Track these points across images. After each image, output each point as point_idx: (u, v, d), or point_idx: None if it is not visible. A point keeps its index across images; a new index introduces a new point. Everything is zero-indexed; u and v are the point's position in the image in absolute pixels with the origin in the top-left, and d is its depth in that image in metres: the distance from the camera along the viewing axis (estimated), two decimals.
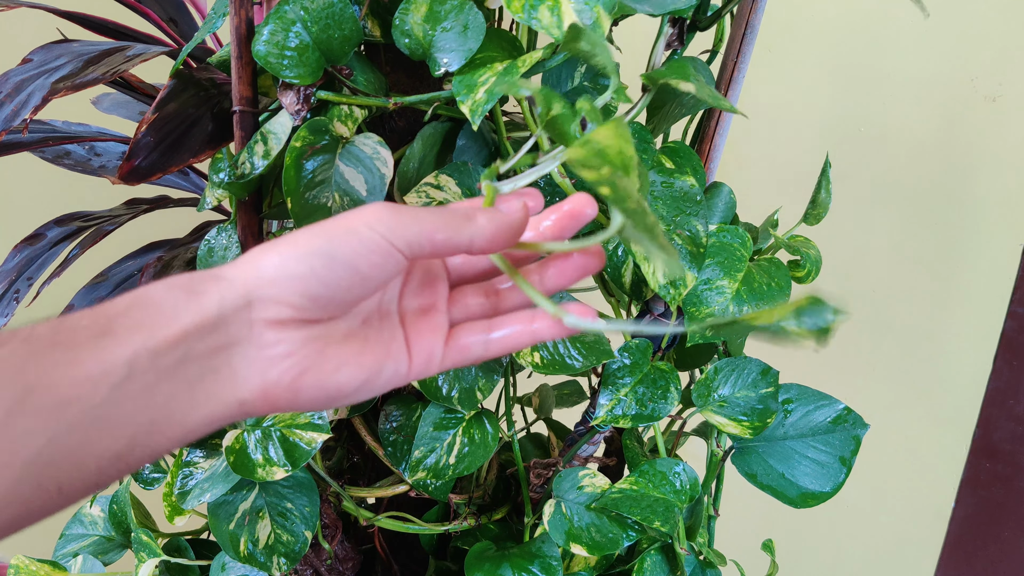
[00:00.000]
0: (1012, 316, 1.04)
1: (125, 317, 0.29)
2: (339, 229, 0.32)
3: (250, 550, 0.57)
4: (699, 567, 0.61)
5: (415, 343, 0.36)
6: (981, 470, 1.11)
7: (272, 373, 0.32)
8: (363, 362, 0.34)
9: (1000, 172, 1.02)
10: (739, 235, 0.57)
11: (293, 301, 0.32)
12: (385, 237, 0.32)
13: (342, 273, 0.32)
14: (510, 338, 0.37)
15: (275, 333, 0.32)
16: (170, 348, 0.29)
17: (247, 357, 0.31)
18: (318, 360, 0.33)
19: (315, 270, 0.31)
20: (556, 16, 0.43)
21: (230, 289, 0.31)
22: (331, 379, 0.33)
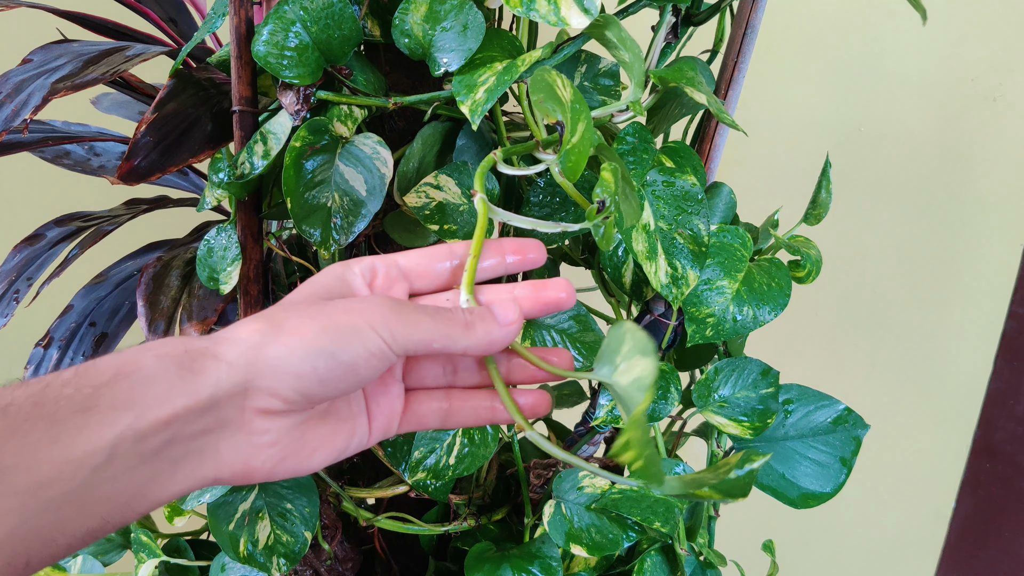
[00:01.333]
0: (1012, 316, 1.04)
1: (110, 389, 0.29)
2: (344, 328, 0.32)
3: (250, 551, 0.57)
4: (699, 567, 0.61)
5: (375, 413, 0.37)
6: (981, 470, 1.11)
7: (256, 460, 0.32)
8: (335, 444, 0.35)
9: (1000, 172, 1.02)
10: (739, 235, 0.57)
11: (288, 396, 0.31)
12: (387, 342, 0.32)
13: (341, 374, 0.32)
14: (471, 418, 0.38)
15: (265, 422, 0.32)
16: (158, 431, 0.29)
17: (234, 442, 0.31)
18: (297, 447, 0.33)
19: (317, 370, 0.31)
20: (553, 5, 0.43)
21: (228, 373, 0.31)
22: (306, 463, 0.34)
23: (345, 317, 0.32)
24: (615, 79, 0.60)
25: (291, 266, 0.63)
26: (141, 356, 0.30)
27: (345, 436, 0.35)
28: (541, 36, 0.57)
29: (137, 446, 0.28)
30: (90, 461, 0.27)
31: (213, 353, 0.31)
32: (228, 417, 0.31)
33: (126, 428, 0.28)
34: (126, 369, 0.29)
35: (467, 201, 0.54)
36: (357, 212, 0.49)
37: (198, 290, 0.57)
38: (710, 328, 0.56)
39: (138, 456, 0.28)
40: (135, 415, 0.28)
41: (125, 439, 0.28)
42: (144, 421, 0.28)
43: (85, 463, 0.27)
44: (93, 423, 0.28)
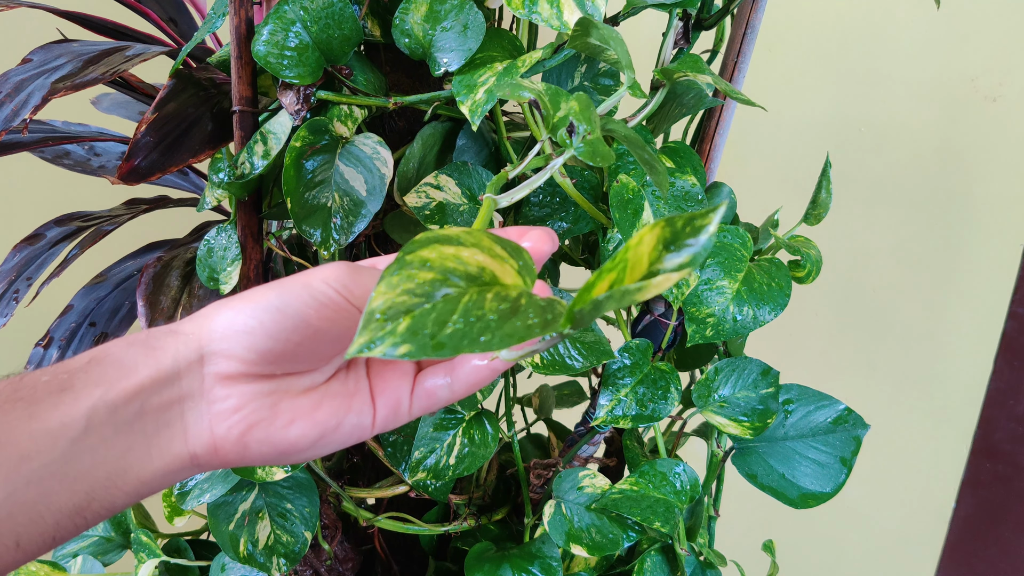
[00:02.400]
0: (1013, 316, 1.04)
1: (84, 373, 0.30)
2: (294, 284, 0.32)
3: (250, 551, 0.57)
4: (699, 568, 0.61)
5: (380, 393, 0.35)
6: (981, 470, 1.11)
7: (220, 428, 0.32)
8: (317, 417, 0.33)
9: (1000, 172, 1.02)
10: (739, 235, 0.57)
11: (242, 355, 0.31)
12: (340, 292, 0.32)
13: (292, 327, 0.31)
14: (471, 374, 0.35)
15: (225, 388, 0.32)
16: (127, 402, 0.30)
17: (198, 411, 0.32)
18: (268, 415, 0.32)
19: (264, 324, 0.31)
20: (556, 8, 0.43)
21: (185, 343, 0.32)
22: (281, 434, 0.32)
23: (298, 277, 0.32)
24: (615, 79, 0.60)
25: (291, 266, 0.63)
26: (111, 345, 0.32)
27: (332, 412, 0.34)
28: (541, 36, 0.57)
29: (111, 417, 0.30)
30: (67, 433, 0.29)
31: (173, 330, 0.32)
32: (190, 387, 0.32)
33: (98, 400, 0.29)
34: (98, 356, 0.31)
35: (467, 201, 0.54)
36: (357, 212, 0.49)
37: (198, 290, 0.57)
38: (710, 328, 0.56)
39: (112, 427, 0.30)
40: (105, 387, 0.30)
41: (98, 411, 0.29)
42: (113, 392, 0.30)
43: (62, 435, 0.29)
44: (68, 400, 0.29)
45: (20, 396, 0.29)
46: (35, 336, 0.61)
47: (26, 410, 0.28)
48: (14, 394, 0.29)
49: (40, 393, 0.29)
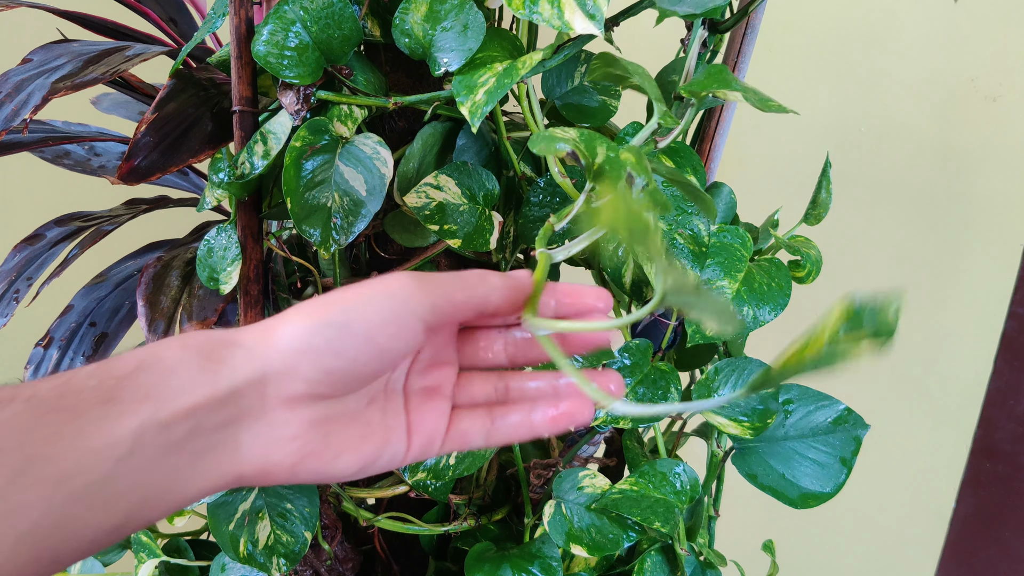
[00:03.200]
0: (1013, 316, 1.04)
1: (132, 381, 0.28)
2: (359, 298, 0.31)
3: (250, 551, 0.57)
4: (699, 568, 0.61)
5: (416, 427, 0.35)
6: (982, 470, 1.11)
7: (276, 455, 0.31)
8: (363, 450, 0.33)
9: (1000, 172, 1.02)
10: (739, 235, 0.57)
11: (308, 375, 0.31)
12: (405, 306, 0.31)
13: (358, 344, 0.31)
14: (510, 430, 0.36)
15: (286, 412, 0.31)
16: (180, 421, 0.28)
17: (254, 433, 0.31)
18: (321, 446, 0.32)
19: (331, 341, 0.30)
20: (557, 8, 0.43)
21: (246, 360, 0.30)
22: (329, 466, 0.32)
23: (360, 288, 0.32)
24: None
25: (291, 266, 0.63)
26: (163, 348, 0.30)
27: (376, 444, 0.34)
28: (542, 36, 0.57)
29: (160, 437, 0.28)
30: (113, 452, 0.27)
31: (232, 341, 0.31)
32: (249, 406, 0.30)
33: (148, 418, 0.28)
34: (148, 361, 0.29)
35: (467, 201, 0.54)
36: (357, 212, 0.49)
37: (198, 290, 0.57)
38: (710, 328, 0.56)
39: (161, 448, 0.28)
40: (157, 405, 0.28)
41: (148, 430, 0.28)
42: (166, 412, 0.28)
43: (108, 454, 0.27)
44: (115, 414, 0.27)
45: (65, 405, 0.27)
46: (35, 336, 0.61)
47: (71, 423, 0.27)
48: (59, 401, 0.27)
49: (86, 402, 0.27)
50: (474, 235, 0.54)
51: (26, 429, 0.26)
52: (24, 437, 0.26)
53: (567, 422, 0.36)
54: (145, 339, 0.55)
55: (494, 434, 0.36)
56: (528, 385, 0.37)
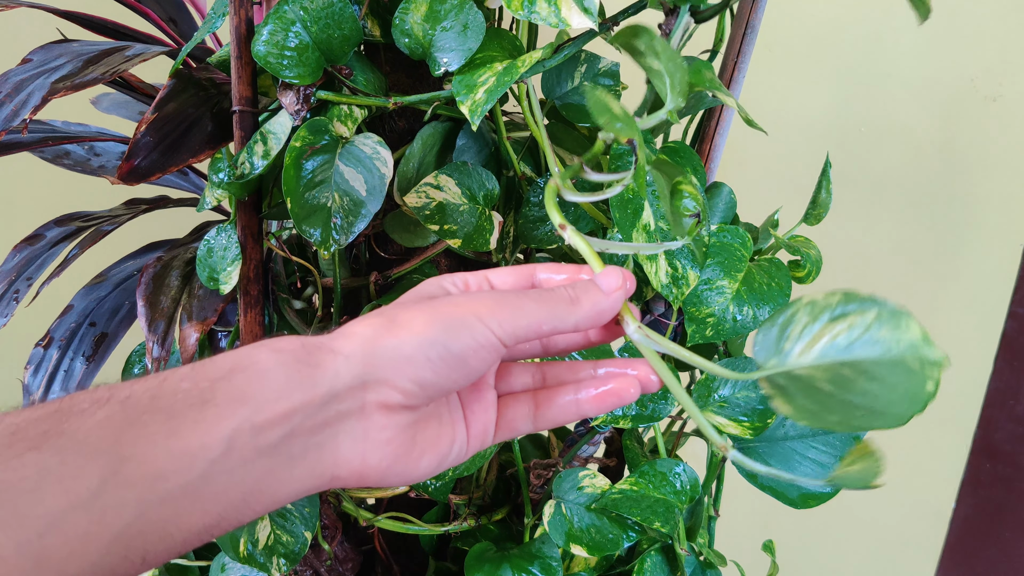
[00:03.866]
0: (1013, 316, 1.04)
1: (227, 383, 0.29)
2: (453, 319, 0.32)
3: (249, 551, 0.57)
4: (699, 568, 0.61)
5: (472, 420, 0.36)
6: (981, 470, 1.11)
7: (373, 457, 0.32)
8: (439, 448, 0.34)
9: (1000, 172, 1.02)
10: (739, 235, 0.57)
11: (406, 387, 0.31)
12: (495, 333, 0.32)
13: (454, 365, 0.32)
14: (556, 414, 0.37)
15: (384, 417, 0.32)
16: (275, 424, 0.29)
17: (354, 436, 0.31)
18: (409, 448, 0.33)
19: (431, 359, 0.31)
20: (553, 6, 0.43)
21: (346, 366, 0.31)
22: (415, 467, 0.33)
23: (453, 310, 0.32)
24: (615, 79, 0.60)
25: (291, 266, 0.63)
26: (257, 352, 0.30)
27: (448, 441, 0.35)
28: (541, 36, 0.57)
29: (254, 440, 0.28)
30: (206, 454, 0.27)
31: (330, 348, 0.31)
32: (348, 410, 0.31)
33: (243, 421, 0.28)
34: (242, 364, 0.29)
35: (467, 201, 0.54)
36: (357, 212, 0.49)
37: (198, 290, 0.57)
38: (710, 328, 0.56)
39: (255, 450, 0.28)
40: (252, 409, 0.28)
41: (242, 432, 0.28)
42: (261, 415, 0.29)
43: (201, 455, 0.27)
44: (210, 416, 0.28)
45: (159, 406, 0.27)
46: (35, 336, 0.61)
47: (165, 424, 0.27)
48: (153, 403, 0.27)
49: (180, 404, 0.28)
50: (474, 235, 0.54)
51: (120, 430, 0.26)
52: (119, 436, 0.26)
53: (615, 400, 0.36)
54: (145, 339, 0.55)
55: (540, 418, 0.37)
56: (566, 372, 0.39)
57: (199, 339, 0.55)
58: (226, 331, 0.60)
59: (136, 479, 0.26)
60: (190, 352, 0.55)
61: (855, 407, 0.24)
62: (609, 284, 0.35)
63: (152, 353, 0.54)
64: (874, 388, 0.23)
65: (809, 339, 0.25)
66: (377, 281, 0.58)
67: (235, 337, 0.59)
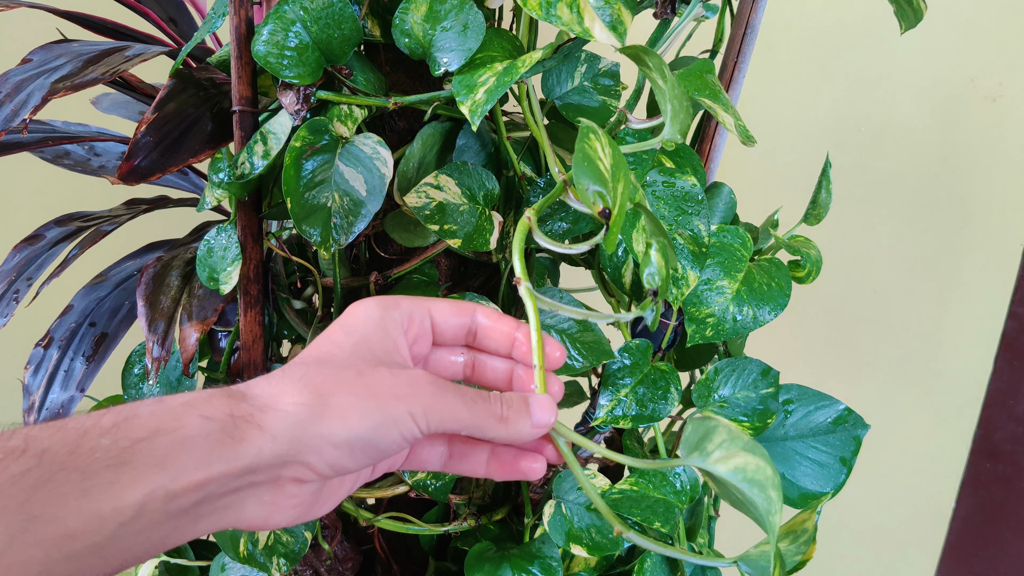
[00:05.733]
0: (1013, 316, 1.04)
1: (149, 444, 0.29)
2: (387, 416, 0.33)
3: (250, 551, 0.57)
4: (699, 567, 0.61)
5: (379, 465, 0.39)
6: (981, 470, 1.11)
7: (276, 517, 0.33)
8: (340, 493, 0.37)
9: (1000, 172, 1.02)
10: (739, 235, 0.57)
11: (323, 471, 0.33)
12: (421, 429, 0.34)
13: (373, 455, 0.34)
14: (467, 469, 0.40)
15: (294, 487, 0.33)
16: (190, 492, 0.29)
17: (261, 502, 0.32)
18: (312, 504, 0.35)
19: (354, 451, 0.33)
20: (576, 13, 0.43)
21: (271, 446, 0.31)
22: (316, 513, 0.35)
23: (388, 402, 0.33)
24: (615, 79, 0.60)
25: (291, 266, 0.63)
26: (184, 414, 0.30)
27: (350, 485, 0.37)
28: (541, 36, 0.57)
29: (166, 505, 0.29)
30: (117, 517, 0.28)
31: (258, 423, 0.31)
32: (261, 481, 0.32)
33: (158, 488, 0.29)
34: (167, 426, 0.30)
35: (467, 201, 0.54)
36: (357, 212, 0.49)
37: (198, 290, 0.57)
38: (710, 328, 0.56)
39: (166, 514, 0.29)
40: (170, 476, 0.29)
41: (155, 498, 0.28)
42: (178, 483, 0.29)
43: (112, 519, 0.28)
44: (125, 479, 0.28)
45: (76, 464, 0.27)
46: (35, 336, 0.61)
47: (79, 484, 0.27)
48: (69, 459, 0.27)
49: (97, 464, 0.28)
50: (474, 235, 0.54)
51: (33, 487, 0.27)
52: (30, 495, 0.26)
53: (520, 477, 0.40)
54: (145, 339, 0.55)
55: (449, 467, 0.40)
56: None
57: (199, 339, 0.55)
58: (226, 331, 0.60)
59: (44, 538, 0.26)
60: (190, 352, 0.55)
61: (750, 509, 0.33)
62: (541, 419, 0.37)
63: (152, 353, 0.54)
64: (756, 504, 0.32)
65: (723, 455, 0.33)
66: (377, 281, 0.58)
67: (235, 337, 0.59)
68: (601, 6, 0.43)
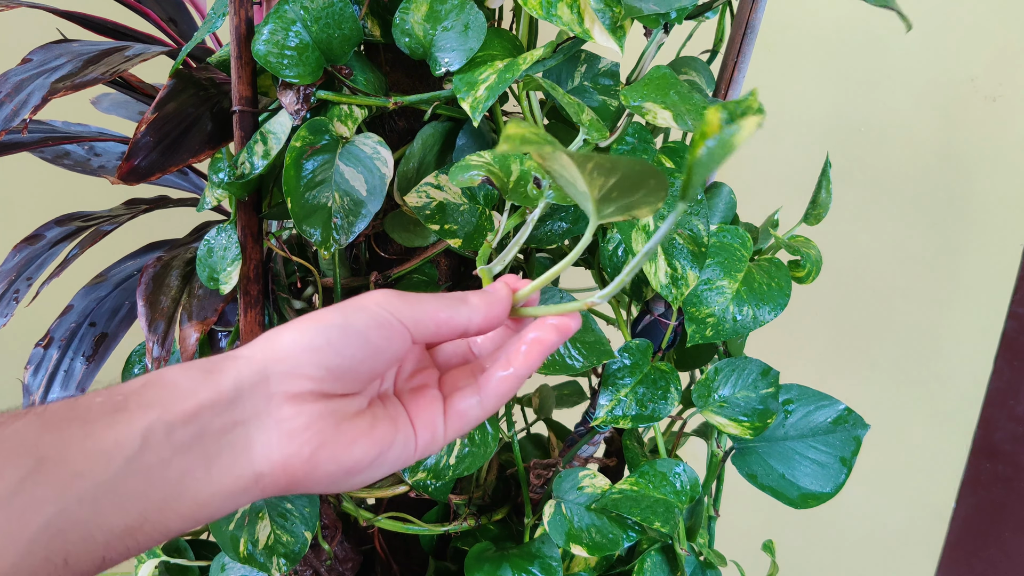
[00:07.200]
0: (1013, 316, 1.04)
1: (139, 395, 0.30)
2: (350, 307, 0.34)
3: (250, 551, 0.57)
4: (699, 568, 0.61)
5: (417, 418, 0.37)
6: (981, 470, 1.11)
7: (291, 446, 0.32)
8: (375, 436, 0.35)
9: (1000, 172, 1.02)
10: (739, 235, 0.57)
11: (311, 372, 0.32)
12: (392, 314, 0.34)
13: (356, 342, 0.33)
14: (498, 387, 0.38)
15: (293, 406, 0.32)
16: (185, 422, 0.30)
17: (265, 429, 0.32)
18: (334, 434, 0.33)
19: (331, 341, 0.33)
20: (576, 13, 0.43)
21: (247, 365, 0.32)
22: (347, 453, 0.34)
23: (351, 301, 0.35)
24: (615, 79, 0.60)
25: (291, 266, 0.63)
26: (168, 370, 0.32)
27: (387, 431, 0.35)
28: (541, 36, 0.57)
29: (168, 437, 0.30)
30: (121, 452, 0.28)
31: (233, 355, 0.33)
32: (255, 407, 0.32)
33: (155, 420, 0.29)
34: (153, 380, 0.31)
35: (467, 201, 0.54)
36: (357, 212, 0.49)
37: (198, 290, 0.57)
38: (710, 328, 0.56)
39: (169, 447, 0.30)
40: (162, 409, 0.30)
41: (155, 431, 0.29)
42: (171, 414, 0.30)
43: (117, 453, 0.28)
44: (123, 419, 0.29)
45: (75, 415, 0.29)
46: (35, 336, 0.61)
47: (81, 429, 0.28)
48: (69, 413, 0.29)
49: (95, 413, 0.29)
50: (474, 235, 0.54)
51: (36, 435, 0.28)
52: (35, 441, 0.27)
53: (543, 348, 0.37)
54: (145, 339, 0.55)
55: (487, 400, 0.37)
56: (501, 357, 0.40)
57: (199, 339, 0.55)
58: (226, 331, 0.60)
59: (54, 477, 0.27)
60: (190, 352, 0.55)
61: None
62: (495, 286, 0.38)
63: (152, 353, 0.54)
64: None
65: None
66: (377, 281, 0.58)
67: (235, 337, 0.59)
68: (601, 8, 0.43)
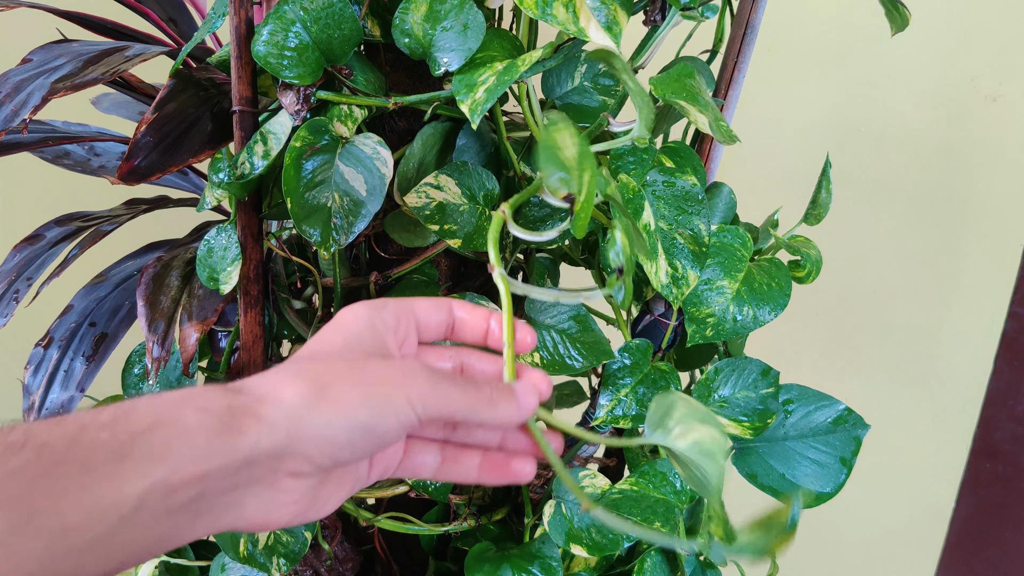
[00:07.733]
0: (1013, 316, 1.04)
1: (147, 438, 0.29)
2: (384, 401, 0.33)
3: (250, 551, 0.57)
4: (699, 568, 0.61)
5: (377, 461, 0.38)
6: (981, 470, 1.11)
7: (276, 516, 0.33)
8: (341, 493, 0.36)
9: (1000, 172, 1.02)
10: (739, 235, 0.57)
11: (321, 462, 0.33)
12: (418, 415, 0.34)
13: (371, 442, 0.33)
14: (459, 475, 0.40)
15: (293, 482, 0.33)
16: (188, 486, 0.29)
17: (260, 499, 0.32)
18: (312, 501, 0.34)
19: (353, 442, 0.33)
20: (571, 12, 0.43)
21: (269, 436, 0.31)
22: (316, 514, 0.35)
23: (385, 389, 0.33)
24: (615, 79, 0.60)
25: (291, 266, 0.63)
26: (182, 407, 0.30)
27: (351, 484, 0.37)
28: (541, 36, 0.57)
29: (166, 500, 0.29)
30: (117, 511, 0.28)
31: (255, 413, 0.31)
32: (259, 476, 0.32)
33: (158, 481, 0.28)
34: (165, 419, 0.29)
35: (467, 201, 0.54)
36: (357, 212, 0.49)
37: (198, 290, 0.57)
38: (710, 328, 0.56)
39: (165, 509, 0.29)
40: (169, 469, 0.29)
41: (155, 492, 0.28)
42: (177, 476, 0.29)
43: (112, 512, 0.28)
44: (125, 472, 0.28)
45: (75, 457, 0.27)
46: (35, 336, 0.61)
47: (79, 478, 0.27)
48: (69, 453, 0.27)
49: (97, 458, 0.28)
50: (474, 235, 0.54)
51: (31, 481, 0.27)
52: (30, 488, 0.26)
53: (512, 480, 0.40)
54: (145, 339, 0.55)
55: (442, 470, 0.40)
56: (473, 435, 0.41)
57: (199, 339, 0.55)
58: (226, 331, 0.60)
59: (44, 531, 0.26)
60: (190, 352, 0.55)
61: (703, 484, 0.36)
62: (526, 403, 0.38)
63: (152, 353, 0.54)
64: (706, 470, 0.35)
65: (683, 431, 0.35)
66: (377, 281, 0.58)
67: (235, 337, 0.59)
68: (597, 6, 0.43)
